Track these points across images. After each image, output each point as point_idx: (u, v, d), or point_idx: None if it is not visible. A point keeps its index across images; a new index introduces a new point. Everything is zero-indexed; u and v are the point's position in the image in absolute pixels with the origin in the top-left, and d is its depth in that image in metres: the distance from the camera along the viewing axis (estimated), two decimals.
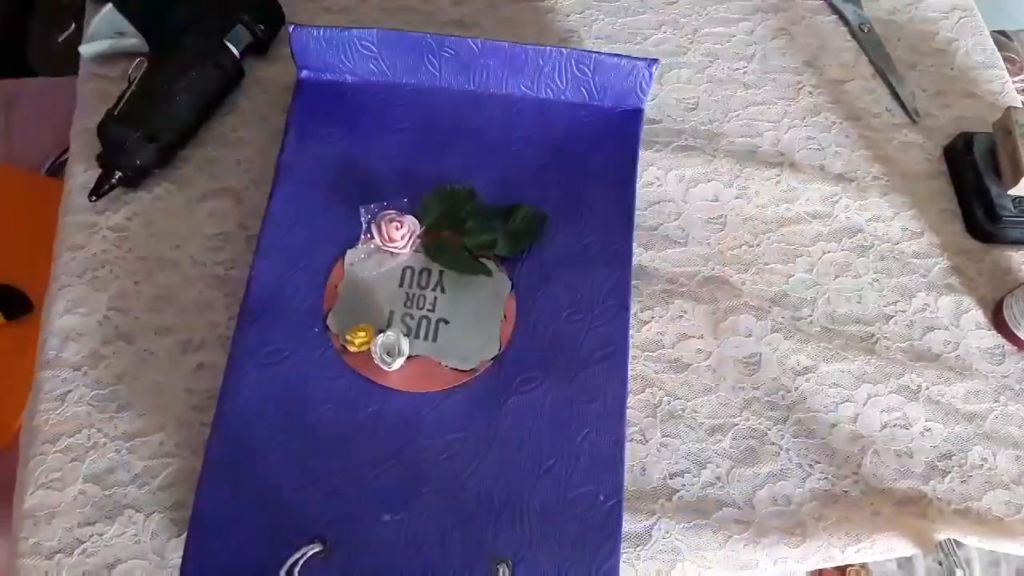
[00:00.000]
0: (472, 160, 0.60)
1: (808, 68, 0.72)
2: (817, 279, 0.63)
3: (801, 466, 0.56)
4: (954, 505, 0.56)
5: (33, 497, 0.52)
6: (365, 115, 0.61)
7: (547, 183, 0.59)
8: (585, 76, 0.61)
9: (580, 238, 0.58)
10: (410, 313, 0.55)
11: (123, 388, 0.55)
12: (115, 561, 0.50)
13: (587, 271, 0.57)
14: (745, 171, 0.66)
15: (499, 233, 0.57)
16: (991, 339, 0.62)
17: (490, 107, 0.62)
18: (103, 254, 0.59)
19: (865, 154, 0.69)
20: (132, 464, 0.53)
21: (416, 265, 0.56)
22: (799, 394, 0.58)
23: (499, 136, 0.61)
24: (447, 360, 0.54)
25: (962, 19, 0.76)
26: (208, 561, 0.48)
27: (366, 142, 0.60)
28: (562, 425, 0.52)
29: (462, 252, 0.57)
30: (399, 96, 0.62)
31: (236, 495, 0.49)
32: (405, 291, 0.55)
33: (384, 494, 0.50)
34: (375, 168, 0.59)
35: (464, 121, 0.62)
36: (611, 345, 0.54)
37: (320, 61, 0.61)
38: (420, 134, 0.61)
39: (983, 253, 0.65)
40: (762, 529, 0.54)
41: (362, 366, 0.53)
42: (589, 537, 0.49)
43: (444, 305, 0.55)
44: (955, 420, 0.58)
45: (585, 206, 0.59)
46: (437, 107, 0.62)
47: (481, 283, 0.56)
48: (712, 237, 0.64)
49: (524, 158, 0.61)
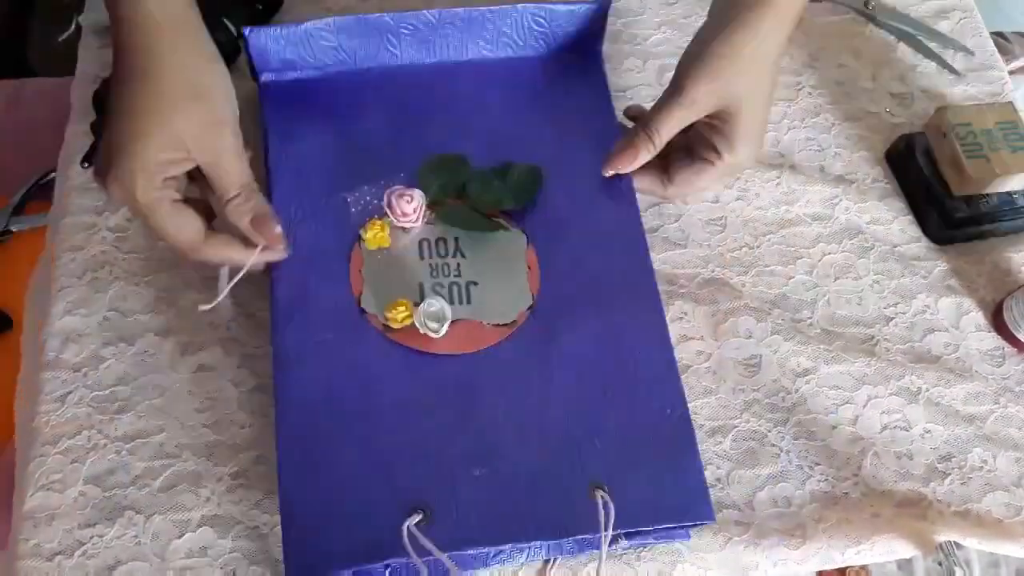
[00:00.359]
0: (453, 130, 0.61)
1: (808, 69, 0.72)
2: (817, 281, 0.63)
3: (801, 468, 0.56)
4: (954, 507, 0.56)
5: (33, 499, 0.52)
6: (338, 105, 0.61)
7: (529, 137, 0.61)
8: (543, 28, 0.63)
9: (576, 182, 0.59)
10: (439, 282, 0.56)
11: (123, 390, 0.55)
12: (115, 563, 0.50)
13: (592, 210, 0.59)
14: (745, 173, 0.66)
15: (502, 189, 0.58)
16: (991, 341, 0.62)
17: (458, 75, 0.63)
18: (103, 255, 0.59)
19: (865, 155, 0.69)
20: (132, 466, 0.53)
21: (431, 236, 0.57)
22: (799, 396, 0.58)
23: (473, 102, 0.62)
24: (486, 318, 0.55)
25: (962, 20, 0.76)
26: (311, 560, 0.48)
27: (345, 130, 0.60)
28: (610, 352, 0.54)
29: (473, 213, 0.58)
30: (367, 81, 0.62)
31: (320, 490, 0.49)
32: (427, 263, 0.56)
33: (466, 452, 0.50)
34: (362, 152, 0.59)
35: (436, 94, 0.62)
36: (634, 273, 0.57)
37: (280, 61, 0.61)
38: (396, 114, 0.61)
39: (983, 255, 0.65)
40: (762, 531, 0.54)
41: (409, 339, 0.53)
42: (667, 449, 0.52)
43: (468, 268, 0.56)
44: (955, 422, 0.58)
45: (571, 151, 0.60)
46: (407, 85, 0.62)
47: (498, 241, 0.57)
48: (712, 239, 0.64)
49: (501, 118, 0.62)
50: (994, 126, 0.64)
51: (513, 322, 0.55)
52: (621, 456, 0.51)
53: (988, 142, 0.63)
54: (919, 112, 0.71)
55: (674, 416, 0.52)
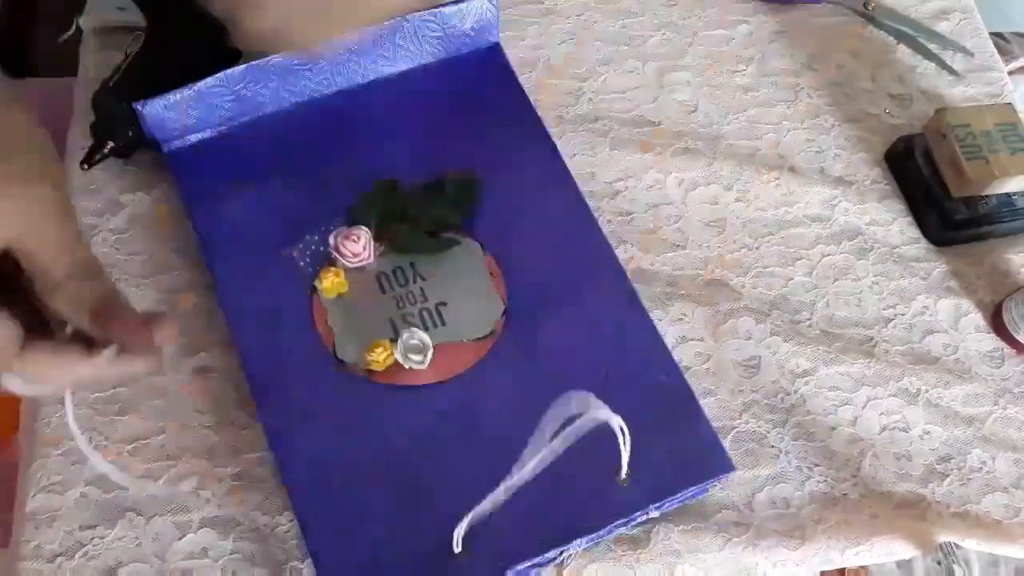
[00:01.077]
0: (376, 155, 0.60)
1: (807, 70, 0.72)
2: (816, 282, 0.63)
3: (800, 469, 0.56)
4: (953, 508, 0.56)
5: (35, 500, 0.52)
6: (253, 158, 0.60)
7: (453, 143, 0.61)
8: (436, 32, 0.63)
9: (512, 176, 0.60)
10: (408, 312, 0.55)
11: (124, 391, 0.55)
12: (116, 564, 0.51)
13: (535, 201, 0.59)
14: (745, 174, 0.66)
15: (442, 206, 0.58)
16: (990, 342, 0.62)
17: (367, 99, 0.63)
18: (104, 257, 0.59)
19: (865, 157, 0.69)
20: (133, 467, 0.53)
21: (387, 268, 0.57)
22: (798, 397, 0.59)
23: (388, 121, 0.62)
24: (464, 336, 0.55)
25: (962, 21, 0.76)
26: None
27: (268, 183, 0.59)
28: (595, 335, 0.54)
29: (421, 235, 0.58)
30: (275, 126, 0.61)
31: (354, 554, 0.48)
32: (391, 296, 0.56)
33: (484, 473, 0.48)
34: (292, 201, 0.58)
35: (349, 123, 0.62)
36: (594, 252, 0.57)
37: (180, 127, 0.59)
38: (315, 153, 0.60)
39: (982, 256, 0.65)
40: (761, 532, 0.54)
41: (395, 378, 0.53)
42: (672, 414, 0.52)
43: (432, 290, 0.56)
44: (954, 423, 0.59)
45: (499, 149, 0.61)
46: (317, 121, 0.62)
47: (454, 256, 0.57)
48: (712, 240, 0.64)
49: (421, 131, 0.62)
50: (993, 127, 0.64)
51: (492, 332, 0.54)
52: (633, 434, 0.50)
53: (987, 143, 0.63)
54: (918, 113, 0.71)
55: (670, 381, 0.53)
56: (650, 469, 0.50)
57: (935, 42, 0.74)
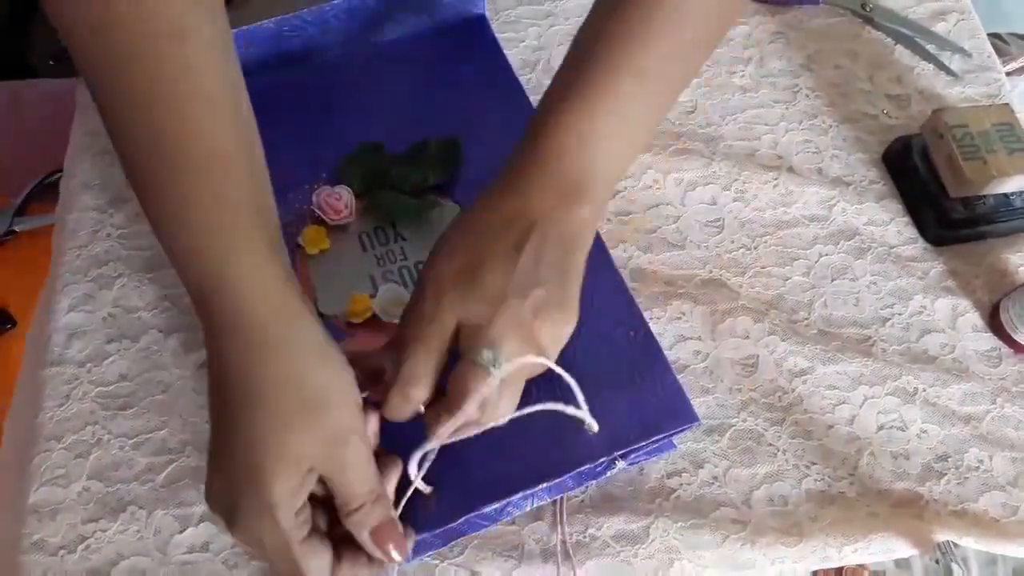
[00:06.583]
0: (361, 120, 0.62)
1: (805, 71, 0.73)
2: (814, 282, 0.63)
3: (798, 467, 0.57)
4: (950, 507, 0.56)
5: (37, 493, 0.52)
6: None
7: (437, 111, 0.62)
8: (423, 1, 0.63)
9: (493, 142, 0.59)
10: (388, 269, 0.57)
11: (127, 386, 0.56)
12: (118, 558, 0.51)
13: None
14: (743, 174, 0.67)
15: (424, 166, 0.59)
16: (987, 341, 0.62)
17: (352, 65, 0.64)
18: (107, 253, 0.60)
19: (862, 157, 0.69)
20: (136, 461, 0.54)
21: (368, 227, 0.58)
22: (796, 396, 0.59)
23: (373, 89, 0.63)
24: None
25: (959, 22, 0.76)
26: None
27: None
28: None
29: (403, 196, 0.59)
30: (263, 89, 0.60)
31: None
32: (372, 254, 0.57)
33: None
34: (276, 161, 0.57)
35: (335, 88, 0.63)
36: None
37: None
38: (301, 116, 0.61)
39: (980, 256, 0.65)
40: (759, 529, 0.54)
41: (374, 331, 0.54)
42: (638, 366, 0.52)
43: (413, 249, 0.57)
44: (951, 422, 0.59)
45: (481, 114, 0.61)
46: (304, 86, 0.63)
47: (434, 217, 0.58)
48: (710, 240, 0.64)
49: (405, 99, 0.63)
50: (991, 128, 0.64)
51: None
52: (599, 386, 0.50)
53: (985, 144, 0.63)
54: (916, 114, 0.71)
55: (639, 337, 0.53)
56: (616, 419, 0.50)
57: (933, 43, 0.75)
